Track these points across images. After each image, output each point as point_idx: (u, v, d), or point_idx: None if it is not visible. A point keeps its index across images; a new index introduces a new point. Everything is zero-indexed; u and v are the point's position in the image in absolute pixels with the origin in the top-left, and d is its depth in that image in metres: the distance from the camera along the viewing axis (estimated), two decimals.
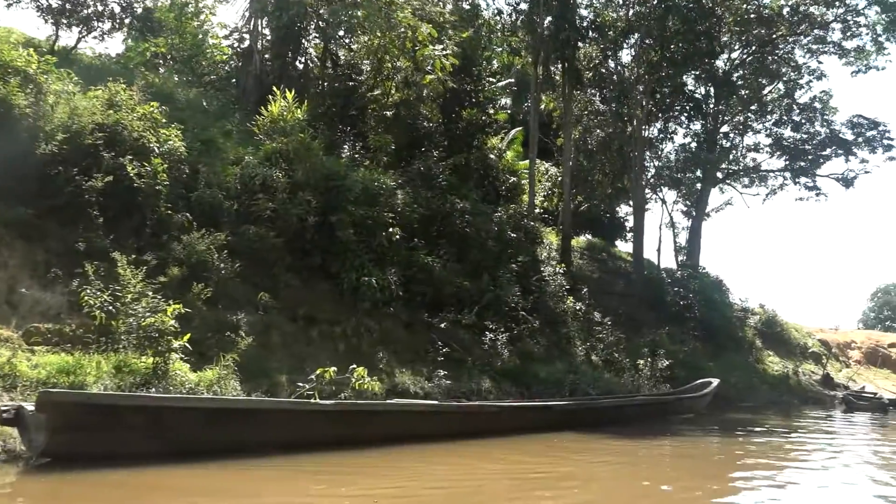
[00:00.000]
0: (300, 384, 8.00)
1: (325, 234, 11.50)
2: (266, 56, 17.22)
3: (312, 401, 6.51)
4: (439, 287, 12.93)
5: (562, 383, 13.18)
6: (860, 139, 23.44)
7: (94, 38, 14.03)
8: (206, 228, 9.56)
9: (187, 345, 7.47)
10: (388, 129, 16.79)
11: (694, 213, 25.90)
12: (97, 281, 7.44)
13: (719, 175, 26.00)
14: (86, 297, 7.10)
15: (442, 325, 12.20)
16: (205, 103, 13.06)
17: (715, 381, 13.60)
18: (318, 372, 7.92)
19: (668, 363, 15.59)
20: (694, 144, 24.89)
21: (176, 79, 16.58)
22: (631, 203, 23.96)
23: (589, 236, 26.91)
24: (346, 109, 17.04)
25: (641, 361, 15.54)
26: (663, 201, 27.80)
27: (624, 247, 28.39)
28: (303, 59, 17.74)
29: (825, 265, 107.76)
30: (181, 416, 5.34)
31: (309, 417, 6.06)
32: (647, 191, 26.73)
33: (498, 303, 14.21)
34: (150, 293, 7.46)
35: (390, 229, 12.34)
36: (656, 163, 25.83)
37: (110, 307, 7.16)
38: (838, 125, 23.77)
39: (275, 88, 12.22)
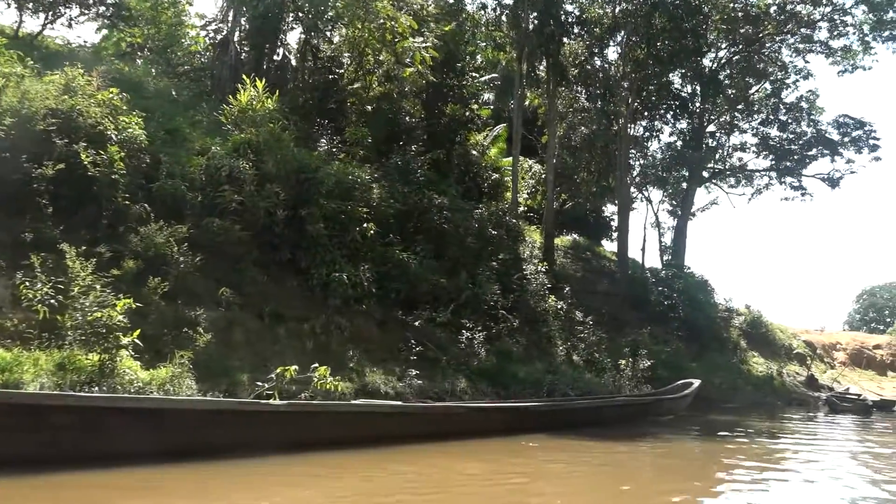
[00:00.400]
0: (259, 383, 7.64)
1: (295, 229, 11.13)
2: (244, 47, 16.84)
3: (262, 401, 6.12)
4: (415, 284, 12.59)
5: (540, 383, 12.87)
6: (846, 139, 23.34)
7: (63, 24, 13.58)
8: (167, 220, 9.17)
9: (137, 341, 7.08)
10: (368, 123, 16.45)
11: (679, 213, 25.72)
12: (43, 274, 7.04)
13: (705, 174, 25.85)
14: (24, 290, 6.69)
15: (416, 324, 11.84)
16: (174, 93, 12.62)
17: (696, 382, 13.32)
18: (278, 371, 7.55)
19: (649, 363, 15.32)
20: (680, 143, 24.64)
21: (151, 69, 16.15)
22: (616, 202, 23.70)
23: (575, 235, 26.67)
24: (325, 102, 16.67)
25: (623, 362, 15.27)
26: (649, 200, 27.68)
27: (610, 246, 28.20)
28: (281, 51, 17.33)
29: (811, 266, 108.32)
30: (114, 418, 4.95)
31: (258, 418, 5.67)
32: (632, 190, 26.60)
33: (476, 301, 13.89)
34: (99, 287, 7.05)
35: (364, 224, 11.99)
36: (642, 161, 25.65)
37: (52, 301, 6.75)
38: (824, 125, 23.69)
39: (246, 78, 11.82)
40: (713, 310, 23.56)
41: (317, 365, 7.72)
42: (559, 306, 16.76)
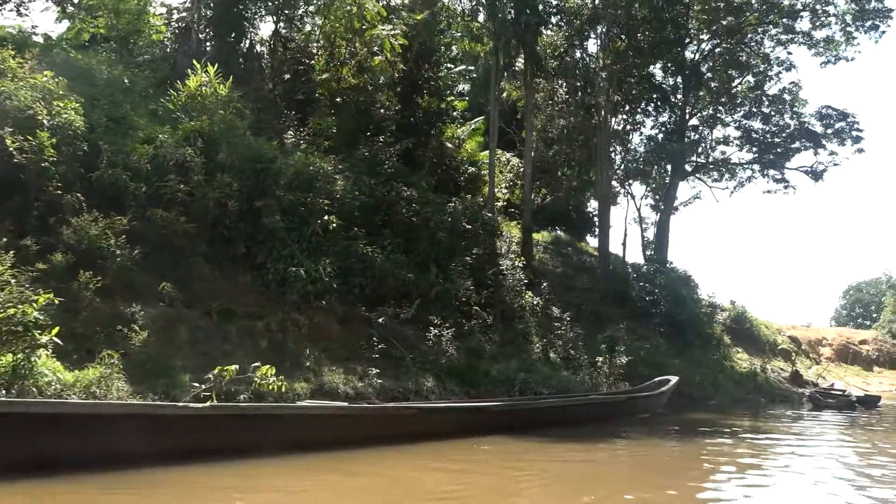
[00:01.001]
0: (195, 385, 7.09)
1: (250, 222, 10.59)
2: (208, 35, 16.25)
3: (180, 403, 5.58)
4: (381, 279, 12.07)
5: (513, 382, 12.38)
6: (829, 131, 22.98)
7: (10, 11, 12.94)
8: (108, 212, 8.61)
9: (58, 340, 6.51)
10: (338, 114, 15.92)
11: (662, 207, 25.31)
12: None
13: (688, 168, 25.44)
14: None
15: (381, 320, 11.32)
16: (126, 81, 12.02)
17: (673, 379, 12.87)
18: (216, 371, 7.01)
19: (627, 360, 14.87)
20: (662, 137, 24.23)
21: (109, 58, 15.52)
22: (598, 196, 23.23)
23: (558, 231, 26.21)
24: (293, 93, 16.11)
25: (601, 359, 14.81)
26: (632, 196, 27.28)
27: (593, 242, 27.77)
28: (248, 40, 16.74)
29: (798, 262, 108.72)
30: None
31: (177, 422, 5.13)
32: (615, 184, 26.19)
33: (447, 297, 13.40)
34: (14, 282, 6.48)
35: (326, 217, 11.46)
36: (625, 155, 25.22)
37: None
38: (807, 117, 23.32)
39: (196, 63, 11.25)
40: (696, 305, 23.16)
41: (258, 364, 7.17)
42: (536, 302, 16.28)
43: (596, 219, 29.65)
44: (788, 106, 24.31)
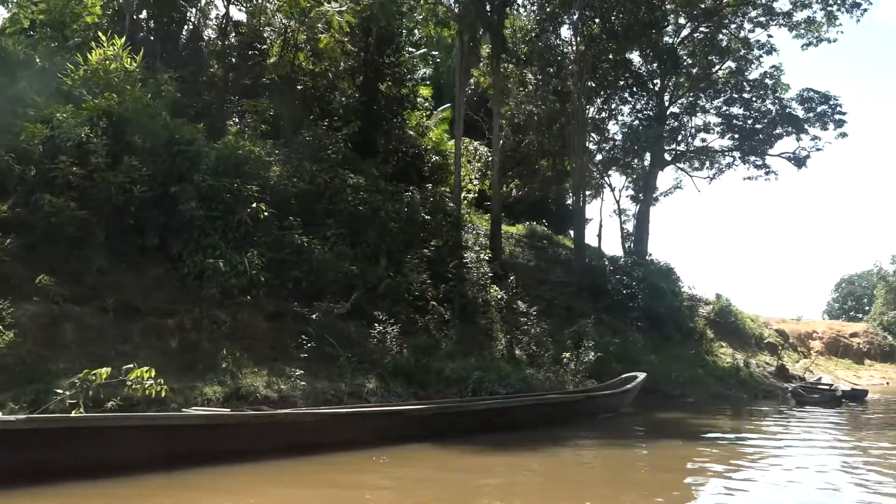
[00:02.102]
0: (58, 391, 6.10)
1: (166, 209, 9.60)
2: (149, 17, 15.28)
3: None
4: (320, 272, 11.09)
5: (466, 381, 11.42)
6: (811, 115, 22.07)
7: None
8: None
9: None
10: (291, 101, 14.95)
11: (642, 197, 24.38)
12: None
13: (667, 157, 24.54)
14: None
15: (314, 316, 10.33)
16: (38, 59, 11.02)
17: (640, 376, 11.93)
18: (82, 375, 6.03)
19: (595, 356, 13.93)
20: (640, 124, 23.29)
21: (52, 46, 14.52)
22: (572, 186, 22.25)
23: (537, 224, 25.21)
24: (239, 78, 15.15)
25: (567, 354, 13.87)
26: (611, 187, 26.35)
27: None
28: (191, 23, 15.77)
29: (791, 256, 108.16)
30: None
31: None
32: (594, 175, 25.27)
33: (398, 291, 12.45)
34: None
35: (255, 205, 10.47)
36: (601, 144, 24.29)
37: None
38: (789, 101, 22.39)
39: (102, 36, 10.26)
40: (677, 299, 22.25)
41: (132, 365, 6.18)
42: (500, 297, 15.34)
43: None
44: (770, 91, 23.42)
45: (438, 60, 22.29)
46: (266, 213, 10.59)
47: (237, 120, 14.13)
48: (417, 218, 15.02)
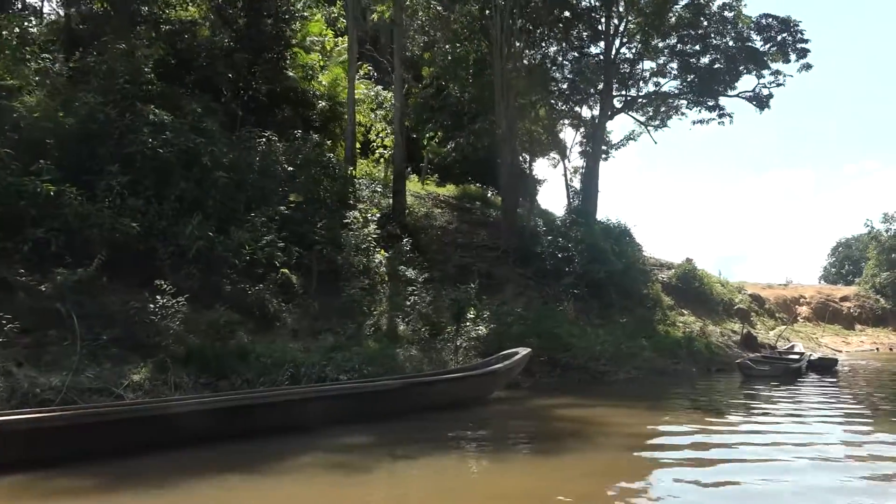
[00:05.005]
0: None
1: None
2: None
3: None
4: (80, 231, 8.46)
5: (282, 369, 8.82)
6: (771, 46, 19.14)
7: None
8: None
9: None
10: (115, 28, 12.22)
11: (590, 150, 21.60)
12: None
13: (617, 104, 21.70)
14: None
15: (43, 288, 7.69)
16: None
17: (522, 352, 9.33)
18: None
19: (487, 329, 11.34)
20: (583, 65, 20.43)
21: None
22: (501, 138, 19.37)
23: (488, 188, 22.48)
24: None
25: (450, 329, 11.29)
26: (562, 144, 23.53)
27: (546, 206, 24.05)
28: None
29: (787, 221, 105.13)
30: None
31: None
32: (539, 130, 22.46)
33: (212, 254, 9.82)
34: None
35: None
36: (543, 94, 21.40)
37: None
38: (747, 30, 19.43)
39: None
40: (629, 262, 19.51)
41: None
42: (379, 261, 12.74)
43: (534, 175, 26.11)
44: (731, 25, 20.45)
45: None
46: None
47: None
48: (275, 170, 12.41)
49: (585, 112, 22.63)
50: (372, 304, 12.06)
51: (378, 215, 14.05)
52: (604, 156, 22.11)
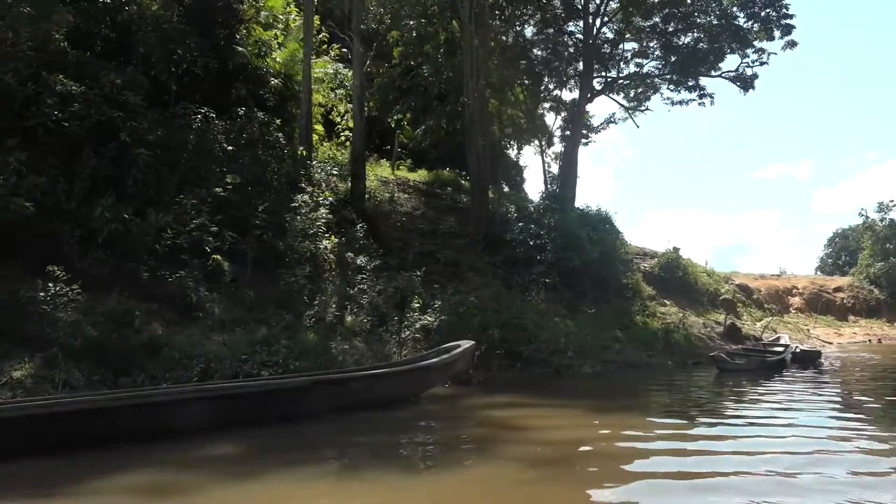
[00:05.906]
0: None
1: None
2: None
3: None
4: None
5: (191, 364, 7.96)
6: (754, 22, 18.20)
7: None
8: None
9: None
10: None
11: (569, 133, 20.70)
12: None
13: (597, 86, 20.77)
14: None
15: None
16: None
17: (465, 345, 8.48)
18: None
19: (436, 320, 10.48)
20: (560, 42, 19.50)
21: None
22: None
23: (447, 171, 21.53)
24: None
25: (398, 318, 10.43)
26: (543, 127, 22.64)
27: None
28: None
29: (789, 212, 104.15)
30: None
31: None
32: (519, 113, 21.56)
33: (126, 237, 8.94)
34: None
35: None
36: (519, 73, 20.49)
37: None
38: (730, 7, 18.48)
39: None
40: (608, 251, 18.64)
41: None
42: (325, 247, 11.86)
43: (520, 163, 25.20)
44: (715, 3, 19.51)
45: None
46: None
47: None
48: (212, 149, 11.53)
49: (566, 95, 21.80)
50: (315, 294, 11.20)
51: (331, 199, 13.17)
52: (584, 140, 21.21)
